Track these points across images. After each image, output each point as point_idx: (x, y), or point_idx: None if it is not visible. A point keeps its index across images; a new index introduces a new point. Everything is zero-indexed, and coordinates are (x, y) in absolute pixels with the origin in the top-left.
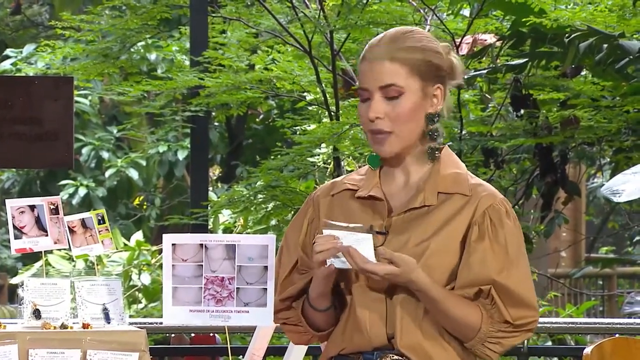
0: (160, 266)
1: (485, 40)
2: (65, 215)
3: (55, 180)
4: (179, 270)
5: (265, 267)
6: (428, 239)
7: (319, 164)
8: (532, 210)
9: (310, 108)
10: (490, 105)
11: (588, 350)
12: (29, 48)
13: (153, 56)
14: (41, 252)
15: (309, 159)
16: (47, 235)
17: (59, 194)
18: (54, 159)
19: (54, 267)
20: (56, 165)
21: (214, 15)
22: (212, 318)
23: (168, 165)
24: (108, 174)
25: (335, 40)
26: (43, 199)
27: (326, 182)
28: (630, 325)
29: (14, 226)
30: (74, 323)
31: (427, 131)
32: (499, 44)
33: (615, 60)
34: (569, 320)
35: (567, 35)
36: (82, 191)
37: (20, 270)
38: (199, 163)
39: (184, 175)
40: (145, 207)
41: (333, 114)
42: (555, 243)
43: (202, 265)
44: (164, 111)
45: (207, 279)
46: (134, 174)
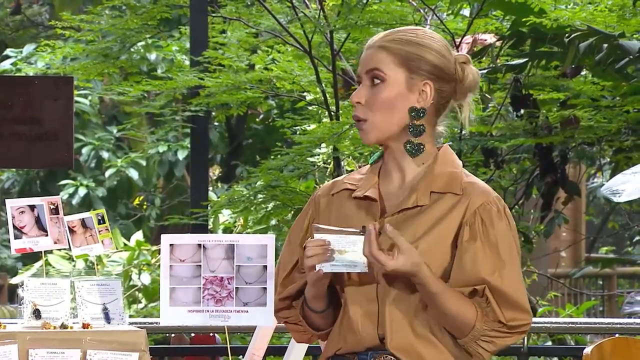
0: (160, 266)
1: (485, 40)
2: (65, 215)
3: (55, 180)
4: (177, 270)
5: (265, 267)
6: (418, 239)
7: (319, 164)
8: (532, 210)
9: (310, 108)
10: (490, 105)
11: (588, 350)
12: (29, 48)
13: (153, 56)
14: (41, 252)
15: (309, 159)
16: (47, 235)
17: (59, 194)
18: (54, 159)
19: (54, 267)
20: (56, 165)
21: (214, 15)
22: (212, 318)
23: (168, 165)
24: (108, 174)
25: (335, 40)
26: (43, 199)
27: (328, 181)
28: (630, 325)
29: (14, 226)
30: (74, 323)
31: (410, 125)
32: (499, 44)
33: (615, 60)
34: (569, 320)
35: (567, 35)
36: (82, 191)
37: (20, 270)
38: (199, 163)
39: (184, 175)
40: (145, 207)
41: (333, 114)
42: (555, 243)
43: (201, 265)
44: (164, 111)
45: (207, 279)
46: (134, 174)
